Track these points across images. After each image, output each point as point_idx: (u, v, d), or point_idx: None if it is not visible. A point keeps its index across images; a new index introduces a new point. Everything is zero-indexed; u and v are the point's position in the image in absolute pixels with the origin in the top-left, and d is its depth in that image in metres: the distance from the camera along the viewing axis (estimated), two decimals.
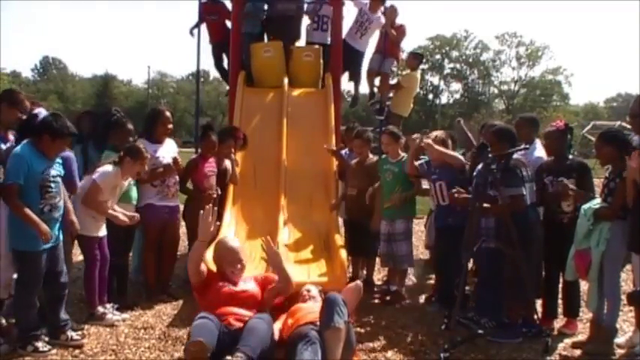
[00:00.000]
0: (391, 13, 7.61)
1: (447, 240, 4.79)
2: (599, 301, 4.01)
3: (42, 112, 4.18)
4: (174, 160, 5.01)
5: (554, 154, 4.50)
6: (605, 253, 3.90)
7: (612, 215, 3.87)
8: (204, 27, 7.54)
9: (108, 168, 4.43)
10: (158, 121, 5.16)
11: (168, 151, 5.10)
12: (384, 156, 5.41)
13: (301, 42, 7.38)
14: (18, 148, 3.75)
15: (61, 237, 3.97)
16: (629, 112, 4.29)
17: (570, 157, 4.50)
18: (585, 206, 4.04)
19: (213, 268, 3.88)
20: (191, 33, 7.50)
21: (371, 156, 5.53)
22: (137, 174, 4.62)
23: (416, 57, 8.46)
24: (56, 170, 3.88)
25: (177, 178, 5.09)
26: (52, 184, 3.80)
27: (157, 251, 5.03)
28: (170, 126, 5.21)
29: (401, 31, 7.74)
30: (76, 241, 4.54)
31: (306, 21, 7.32)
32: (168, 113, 5.29)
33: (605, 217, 3.89)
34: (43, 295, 3.93)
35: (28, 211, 3.66)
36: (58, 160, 3.95)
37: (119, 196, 4.57)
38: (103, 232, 4.50)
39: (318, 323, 3.35)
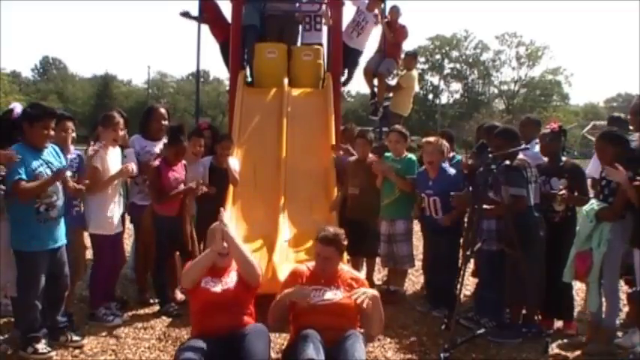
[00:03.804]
0: (393, 13, 7.61)
1: (439, 241, 4.84)
2: (600, 302, 4.01)
3: (17, 107, 4.07)
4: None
5: (549, 155, 4.54)
6: (606, 254, 3.90)
7: (614, 216, 3.88)
8: (203, 27, 7.50)
9: (94, 147, 4.49)
10: (151, 117, 5.17)
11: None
12: (387, 154, 5.41)
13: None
14: (11, 148, 3.73)
15: (64, 239, 3.94)
16: (631, 109, 4.55)
17: (564, 159, 4.54)
18: (586, 207, 4.04)
19: None
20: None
21: (371, 155, 5.54)
22: (114, 141, 4.56)
23: (411, 57, 8.45)
24: (53, 168, 3.81)
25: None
26: None
27: (144, 251, 4.96)
28: (165, 122, 5.17)
29: (402, 32, 7.73)
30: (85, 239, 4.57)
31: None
32: (162, 110, 5.28)
33: (607, 218, 3.89)
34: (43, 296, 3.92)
35: (32, 183, 3.64)
36: (57, 158, 3.92)
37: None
38: (117, 229, 4.54)
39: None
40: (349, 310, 3.43)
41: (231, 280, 3.51)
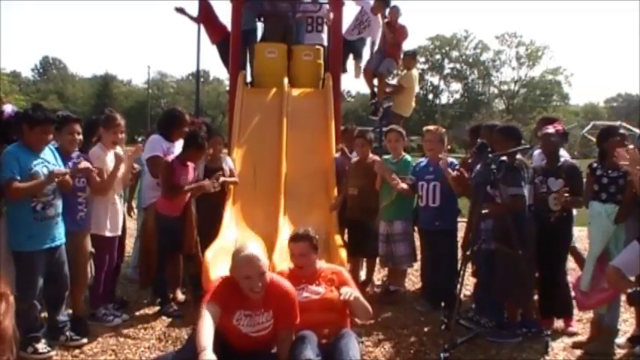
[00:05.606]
0: (393, 13, 7.60)
1: (436, 242, 4.83)
2: None
3: (7, 107, 4.03)
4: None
5: (549, 155, 4.53)
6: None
7: (627, 214, 3.86)
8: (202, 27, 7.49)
9: (93, 149, 4.46)
10: (176, 124, 5.21)
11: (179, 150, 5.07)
12: (386, 156, 5.41)
13: None
14: (7, 148, 3.72)
15: (62, 239, 3.92)
16: None
17: (562, 159, 4.54)
18: (603, 209, 4.00)
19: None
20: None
21: (371, 155, 5.54)
22: (114, 143, 4.54)
23: (411, 56, 8.44)
24: (50, 168, 3.79)
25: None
26: None
27: (145, 251, 4.93)
28: (186, 129, 5.23)
29: (402, 32, 7.71)
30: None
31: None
32: (187, 117, 5.38)
33: (621, 218, 3.89)
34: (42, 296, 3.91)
35: (25, 184, 3.61)
36: (54, 157, 3.90)
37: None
38: (116, 232, 4.53)
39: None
40: (336, 303, 3.46)
41: (265, 320, 3.23)
